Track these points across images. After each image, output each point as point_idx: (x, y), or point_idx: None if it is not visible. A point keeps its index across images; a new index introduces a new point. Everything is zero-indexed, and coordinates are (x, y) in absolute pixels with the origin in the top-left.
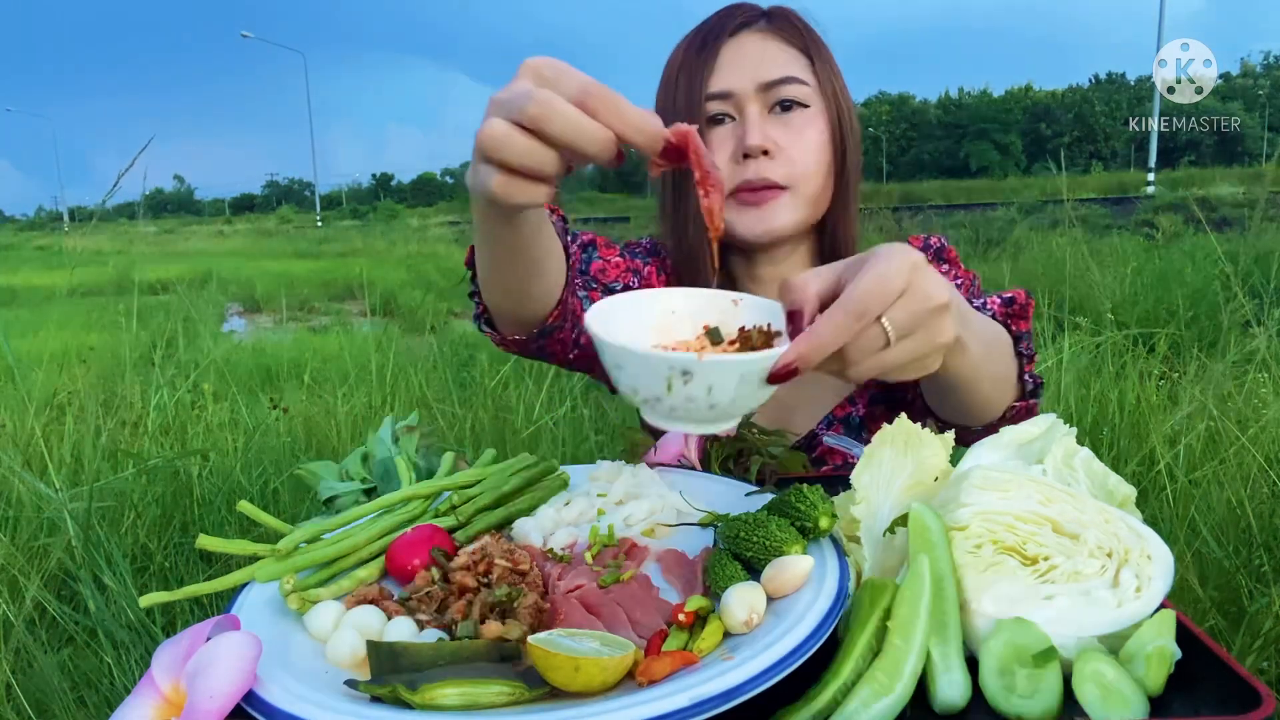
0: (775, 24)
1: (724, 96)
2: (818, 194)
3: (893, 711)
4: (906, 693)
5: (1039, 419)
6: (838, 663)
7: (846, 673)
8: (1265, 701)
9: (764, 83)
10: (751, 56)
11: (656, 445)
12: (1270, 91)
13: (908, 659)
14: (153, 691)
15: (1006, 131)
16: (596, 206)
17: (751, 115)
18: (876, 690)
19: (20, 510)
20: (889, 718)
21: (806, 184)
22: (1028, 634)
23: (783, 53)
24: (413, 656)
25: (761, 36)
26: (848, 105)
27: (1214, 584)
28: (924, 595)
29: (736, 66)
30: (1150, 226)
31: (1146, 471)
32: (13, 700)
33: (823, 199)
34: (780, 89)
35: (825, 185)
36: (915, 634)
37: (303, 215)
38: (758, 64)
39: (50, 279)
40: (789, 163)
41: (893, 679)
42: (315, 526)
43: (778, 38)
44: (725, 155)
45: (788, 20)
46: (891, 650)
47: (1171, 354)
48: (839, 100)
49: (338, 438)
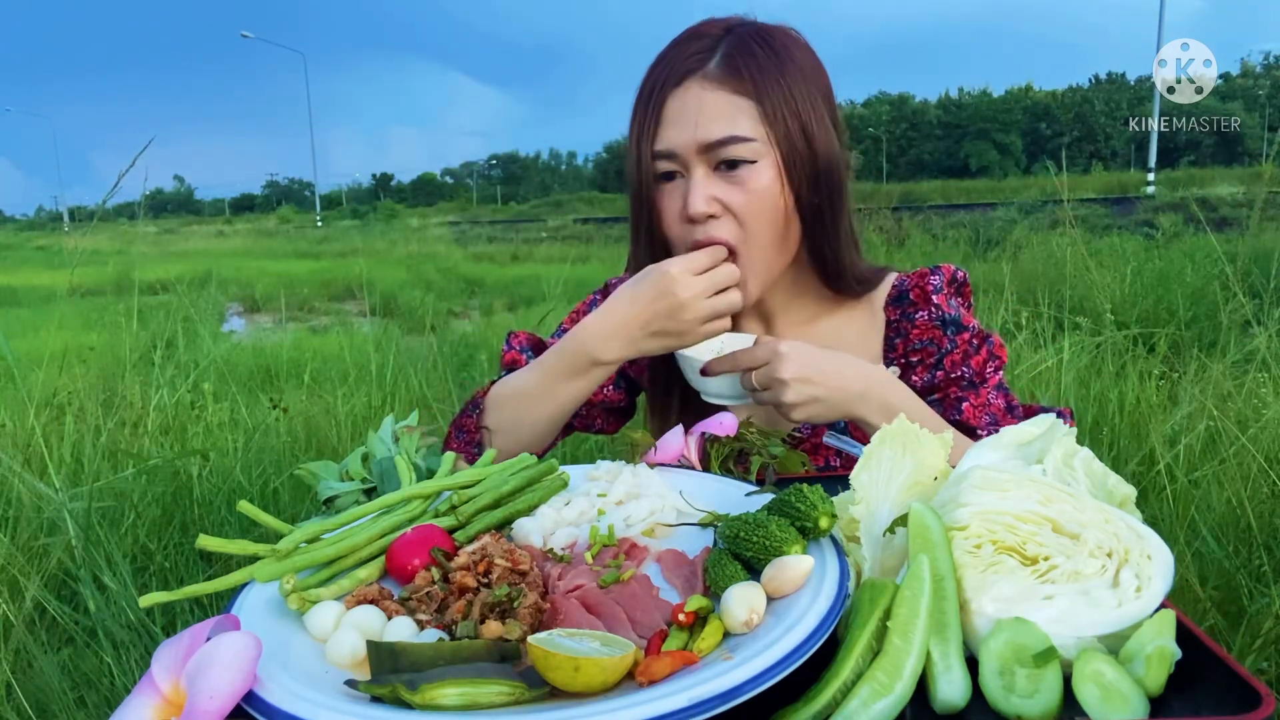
0: (723, 67)
1: (668, 156)
2: (771, 251)
3: (893, 711)
4: (906, 693)
5: (1039, 419)
6: (838, 663)
7: (846, 672)
8: (1265, 701)
9: (704, 144)
10: (693, 113)
11: (656, 445)
12: (1270, 91)
13: (908, 659)
14: (153, 691)
15: (1006, 131)
16: (596, 207)
17: (696, 177)
18: (876, 690)
19: (20, 510)
20: (889, 718)
21: (758, 242)
22: (1028, 634)
23: (727, 105)
24: (413, 656)
25: (701, 88)
26: (810, 138)
27: (1214, 584)
28: (924, 595)
29: (679, 124)
30: (1150, 226)
31: (1146, 471)
32: (13, 700)
33: (779, 252)
34: (721, 150)
35: (783, 234)
36: (915, 634)
37: (303, 215)
38: (699, 122)
39: (50, 279)
40: (736, 223)
41: (893, 679)
42: (315, 526)
43: (722, 87)
44: (674, 213)
45: (733, 62)
46: (891, 650)
47: (1171, 354)
48: (794, 140)
49: (338, 438)
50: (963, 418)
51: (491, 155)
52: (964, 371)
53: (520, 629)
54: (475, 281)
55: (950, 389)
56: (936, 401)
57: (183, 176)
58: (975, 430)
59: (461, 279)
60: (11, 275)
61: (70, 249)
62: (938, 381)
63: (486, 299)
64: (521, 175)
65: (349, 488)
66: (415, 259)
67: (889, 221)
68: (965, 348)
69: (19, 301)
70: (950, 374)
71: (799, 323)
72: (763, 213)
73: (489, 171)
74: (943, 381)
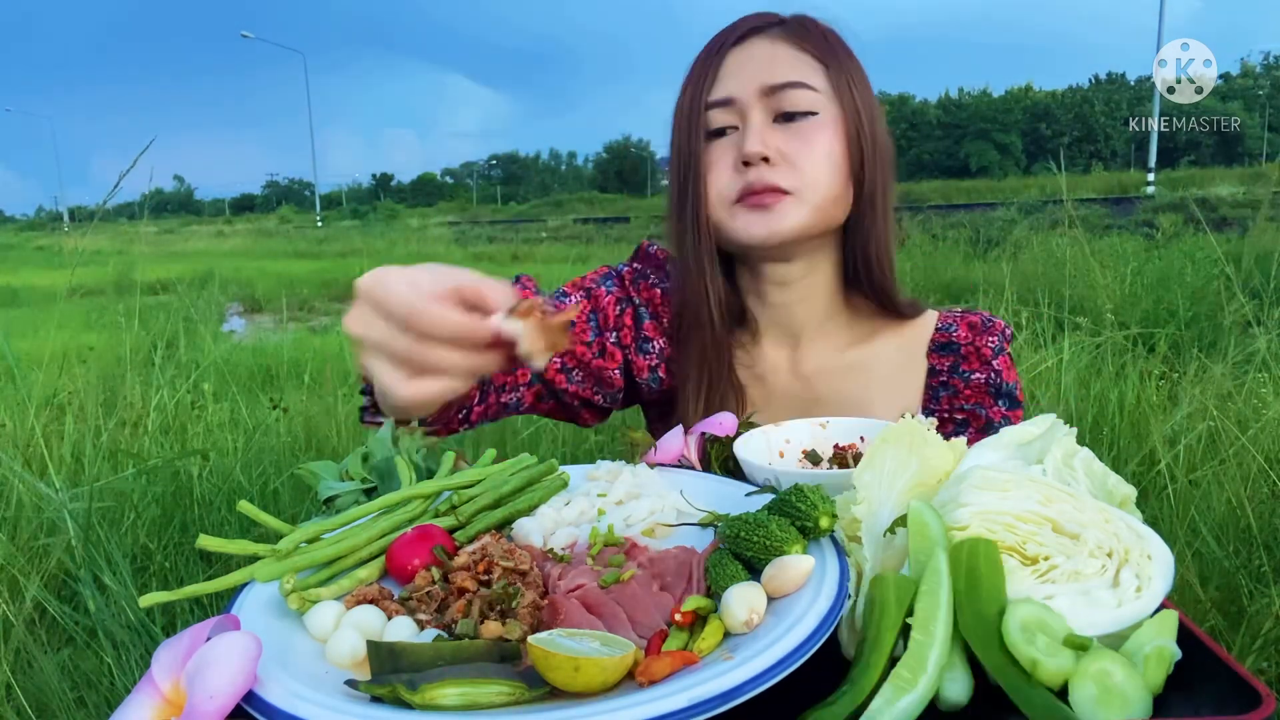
0: (789, 29)
1: (725, 104)
2: (828, 202)
3: (918, 708)
4: (931, 688)
5: (1039, 419)
6: (870, 665)
7: (881, 670)
8: (1265, 701)
9: (766, 86)
10: (757, 61)
11: (656, 445)
12: (1270, 91)
13: (930, 653)
14: (153, 691)
15: (1006, 131)
16: (597, 207)
17: (753, 122)
18: (899, 687)
19: (20, 510)
20: (913, 714)
21: (814, 191)
22: (1049, 615)
23: (793, 57)
24: (413, 656)
25: (771, 41)
26: (870, 113)
27: (1214, 584)
28: (943, 589)
29: (740, 72)
30: (1150, 226)
31: (1146, 471)
32: (13, 700)
33: (835, 209)
34: (784, 94)
35: (840, 195)
36: (937, 627)
37: (303, 215)
38: (762, 68)
39: (50, 279)
40: (794, 171)
41: (916, 674)
42: (315, 526)
43: (789, 43)
44: (726, 166)
45: (803, 25)
46: (913, 645)
47: (1171, 354)
48: (859, 108)
49: (338, 438)
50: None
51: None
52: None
53: (520, 629)
54: None
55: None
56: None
57: (183, 176)
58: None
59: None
60: (11, 275)
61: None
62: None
63: None
64: (521, 175)
65: (349, 488)
66: (415, 259)
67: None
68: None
69: (19, 301)
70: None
71: (828, 350)
72: (821, 167)
73: (489, 172)
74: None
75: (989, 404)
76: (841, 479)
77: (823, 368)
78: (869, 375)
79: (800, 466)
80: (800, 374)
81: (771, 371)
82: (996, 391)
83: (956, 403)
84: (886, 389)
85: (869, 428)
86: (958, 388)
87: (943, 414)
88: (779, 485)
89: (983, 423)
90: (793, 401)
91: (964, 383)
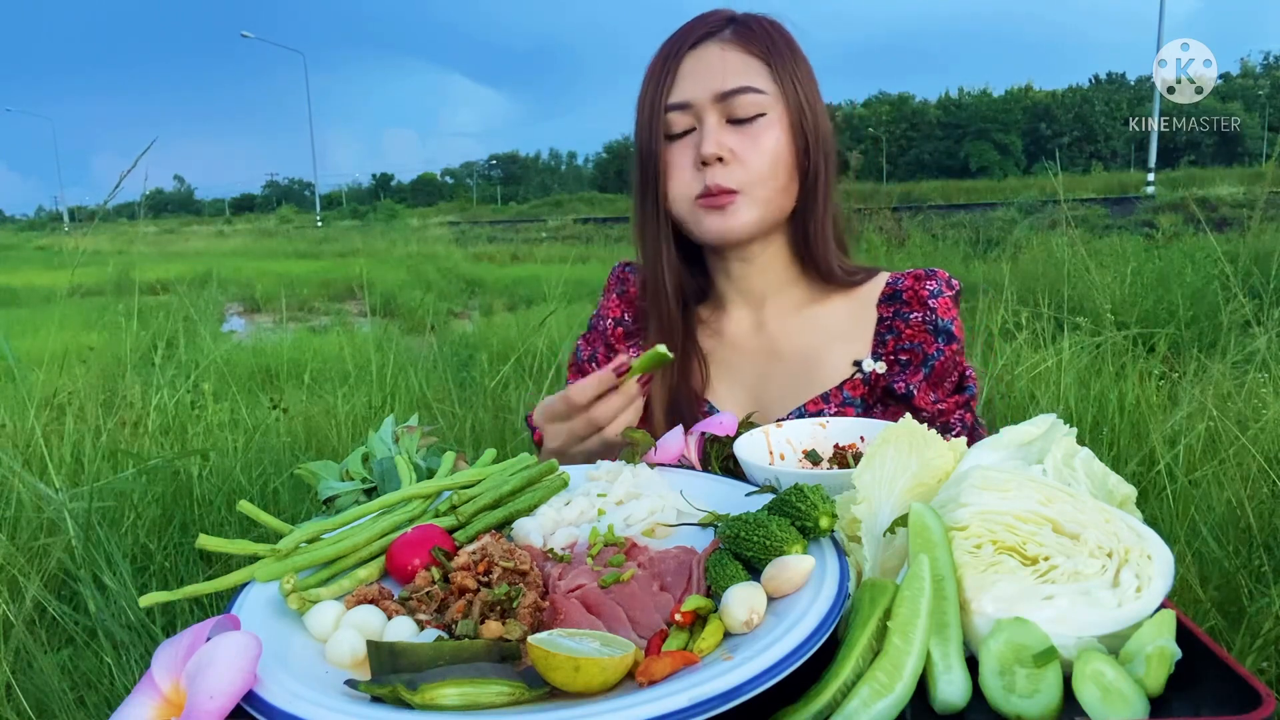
0: (737, 32)
1: (683, 107)
2: (774, 195)
3: (893, 711)
4: (906, 693)
5: (1039, 419)
6: (838, 663)
7: (847, 672)
8: (1265, 701)
9: (719, 93)
10: (710, 67)
11: (656, 445)
12: (1270, 91)
13: (908, 659)
14: (153, 691)
15: (1006, 131)
16: (596, 207)
17: (709, 124)
18: (877, 690)
19: (20, 510)
20: (889, 718)
21: (761, 187)
22: (1028, 634)
23: (742, 62)
24: (413, 656)
25: (721, 47)
26: (812, 106)
27: (1214, 584)
28: (924, 595)
29: (695, 77)
30: (1150, 226)
31: (1146, 471)
32: (13, 700)
33: (781, 199)
34: (735, 100)
35: (785, 186)
36: (915, 634)
37: (303, 215)
38: (715, 74)
39: (50, 279)
40: (744, 169)
41: (893, 679)
42: (315, 526)
43: (738, 47)
44: (687, 165)
45: (749, 28)
46: (891, 650)
47: (1171, 354)
48: (802, 102)
49: (338, 438)
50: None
51: (491, 155)
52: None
53: (520, 629)
54: (475, 282)
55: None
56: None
57: (183, 176)
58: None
59: (461, 279)
60: (11, 275)
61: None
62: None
63: (486, 299)
64: (521, 175)
65: (349, 488)
66: (415, 259)
67: (889, 221)
68: (950, 360)
69: (19, 301)
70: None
71: (788, 309)
72: (767, 162)
73: (489, 172)
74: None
75: (929, 341)
76: (841, 479)
77: (784, 324)
78: (823, 326)
79: (800, 466)
80: (764, 331)
81: (737, 331)
82: (934, 329)
83: (900, 343)
84: (839, 338)
85: (869, 428)
86: (900, 329)
87: (889, 356)
88: (779, 485)
89: (921, 358)
90: (756, 354)
91: (905, 324)
